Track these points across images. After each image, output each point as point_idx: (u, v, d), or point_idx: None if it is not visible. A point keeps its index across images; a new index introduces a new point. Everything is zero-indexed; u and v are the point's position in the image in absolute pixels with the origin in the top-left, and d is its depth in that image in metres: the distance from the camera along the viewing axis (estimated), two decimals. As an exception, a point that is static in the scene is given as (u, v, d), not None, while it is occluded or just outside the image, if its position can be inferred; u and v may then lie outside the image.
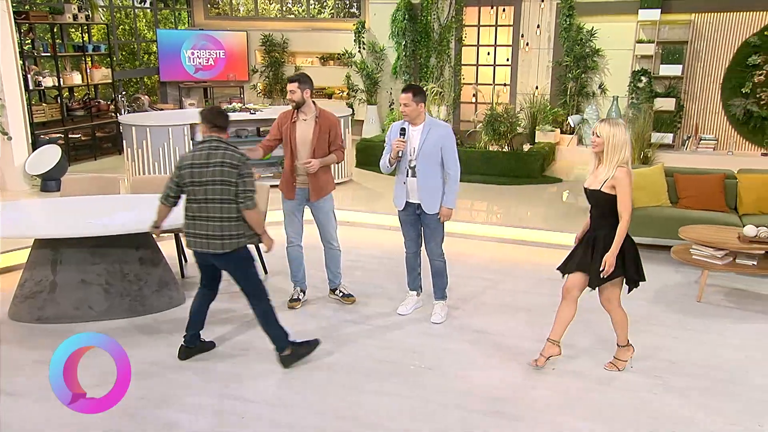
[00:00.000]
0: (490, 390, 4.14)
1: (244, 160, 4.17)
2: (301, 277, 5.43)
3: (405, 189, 4.85)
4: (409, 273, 5.23)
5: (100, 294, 5.08)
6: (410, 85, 4.78)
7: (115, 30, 12.76)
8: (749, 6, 10.05)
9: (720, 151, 10.39)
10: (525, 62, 11.52)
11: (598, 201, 4.09)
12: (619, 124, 4.02)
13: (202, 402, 3.98)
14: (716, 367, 4.41)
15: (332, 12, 14.65)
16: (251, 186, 4.17)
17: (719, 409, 3.93)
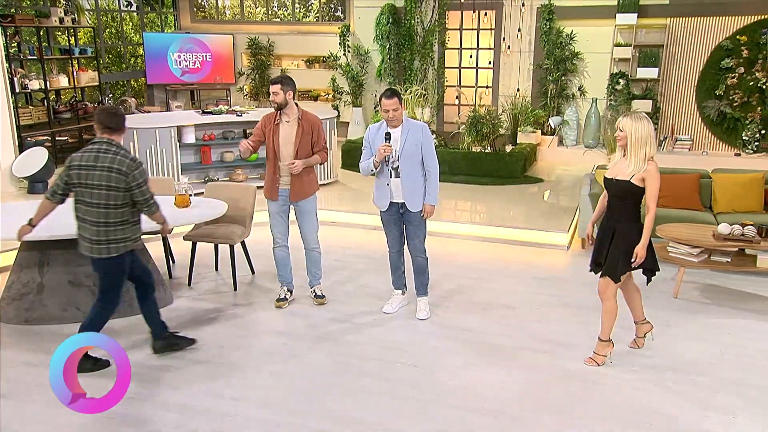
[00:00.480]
0: (475, 387, 4.14)
1: (135, 166, 4.02)
2: (287, 277, 5.41)
3: (389, 190, 4.85)
4: (394, 272, 5.22)
5: (87, 295, 5.02)
6: (393, 90, 4.72)
7: (102, 33, 12.63)
8: (722, 11, 10.16)
9: (695, 151, 10.50)
10: (507, 65, 11.57)
11: (624, 192, 4.09)
12: (642, 119, 4.01)
13: (187, 401, 3.95)
14: (692, 360, 4.45)
15: (317, 16, 14.60)
16: (149, 192, 4.09)
17: (695, 400, 3.98)
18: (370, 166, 4.83)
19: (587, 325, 5.00)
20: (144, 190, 4.06)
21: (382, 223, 5.06)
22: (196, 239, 5.75)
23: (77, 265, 5.01)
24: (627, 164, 4.06)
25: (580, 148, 10.93)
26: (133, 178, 3.99)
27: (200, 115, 8.84)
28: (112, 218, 4.04)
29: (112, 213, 4.03)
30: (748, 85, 10.06)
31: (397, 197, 4.85)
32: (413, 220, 4.91)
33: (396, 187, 4.82)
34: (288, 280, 5.42)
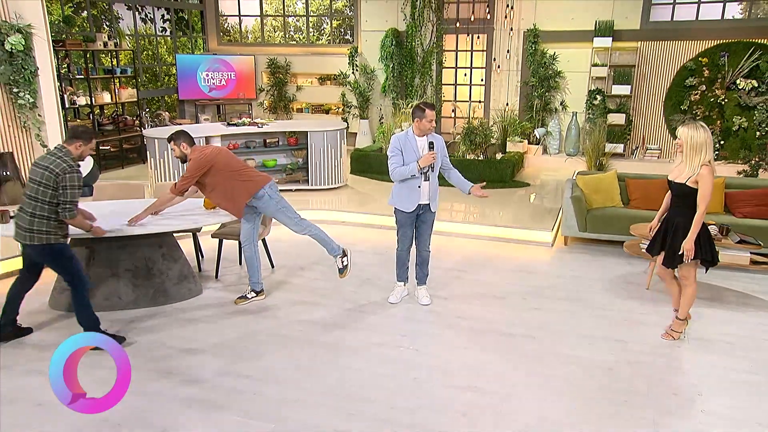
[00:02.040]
0: (470, 368, 4.13)
1: (68, 171, 3.93)
2: (256, 276, 5.23)
3: (419, 193, 4.80)
4: (401, 266, 5.19)
5: (128, 286, 5.02)
6: (431, 104, 4.76)
7: (140, 55, 12.63)
8: (686, 36, 10.12)
9: (663, 159, 10.44)
10: (497, 82, 11.53)
11: (681, 193, 4.13)
12: (698, 128, 3.96)
13: (215, 381, 3.94)
14: (661, 345, 4.43)
15: (329, 39, 14.58)
16: (70, 198, 3.96)
17: (662, 381, 3.96)
18: (411, 171, 4.72)
19: (570, 314, 4.98)
20: (66, 193, 3.94)
21: (401, 224, 4.98)
22: (222, 237, 5.74)
23: (118, 260, 5.02)
24: (683, 168, 4.07)
25: (562, 156, 10.89)
26: (60, 180, 3.92)
27: (225, 127, 8.83)
28: (38, 210, 3.98)
29: (39, 207, 3.97)
30: (709, 101, 10.01)
31: (424, 198, 4.85)
32: (428, 219, 4.95)
33: (425, 189, 4.81)
34: (256, 279, 5.25)
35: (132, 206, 5.49)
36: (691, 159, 3.98)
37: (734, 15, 10.34)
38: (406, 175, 4.76)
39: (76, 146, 4.08)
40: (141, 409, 3.60)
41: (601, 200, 6.62)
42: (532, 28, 10.90)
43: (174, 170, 7.93)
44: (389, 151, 4.86)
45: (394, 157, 4.81)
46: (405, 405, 3.68)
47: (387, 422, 3.51)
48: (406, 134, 4.81)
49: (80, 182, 4.01)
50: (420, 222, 4.97)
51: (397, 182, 4.86)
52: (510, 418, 3.55)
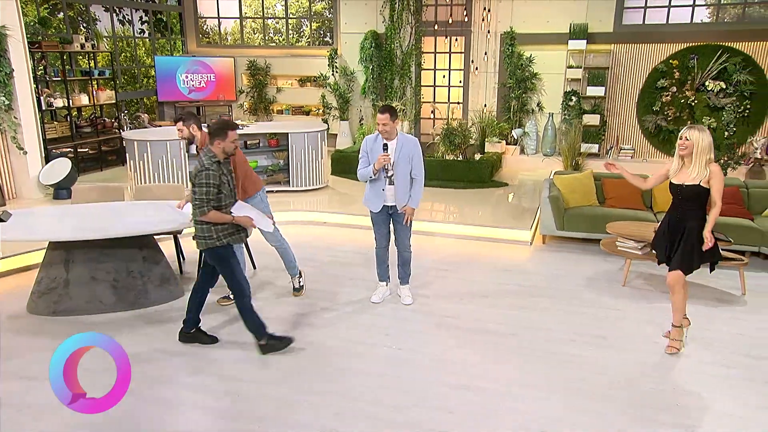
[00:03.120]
0: (453, 366, 4.14)
1: (200, 170, 3.94)
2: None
3: (383, 195, 4.82)
4: (380, 265, 5.19)
5: (108, 289, 4.93)
6: (387, 107, 4.67)
7: (118, 57, 12.41)
8: (657, 39, 10.29)
9: (637, 158, 10.59)
10: (475, 84, 11.59)
11: (695, 194, 4.04)
12: (704, 130, 3.98)
13: (198, 381, 3.89)
14: (639, 340, 4.49)
15: (309, 40, 14.52)
16: (199, 195, 3.95)
17: (642, 376, 4.02)
18: (369, 173, 4.77)
19: (551, 311, 5.02)
20: (197, 191, 3.96)
21: (373, 222, 5.02)
22: (204, 238, 5.66)
23: (98, 263, 4.92)
24: (691, 170, 4.02)
25: (539, 156, 10.99)
26: (194, 179, 3.97)
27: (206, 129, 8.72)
28: (196, 216, 4.04)
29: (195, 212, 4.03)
30: (680, 102, 10.19)
31: (389, 201, 4.85)
32: (401, 220, 4.92)
33: (390, 192, 4.82)
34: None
35: (112, 208, 5.40)
36: (699, 160, 3.98)
37: (703, 19, 10.55)
38: (366, 177, 4.81)
39: (216, 144, 4.04)
40: (125, 412, 3.53)
41: (578, 199, 6.69)
42: (508, 30, 10.98)
43: (154, 172, 7.81)
44: (360, 152, 4.90)
45: (361, 158, 4.87)
46: (391, 403, 3.67)
47: (373, 420, 3.50)
48: (375, 136, 4.81)
49: (211, 179, 3.95)
50: (394, 222, 4.97)
51: (367, 183, 4.90)
52: (497, 415, 3.56)
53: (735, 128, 9.91)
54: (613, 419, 3.52)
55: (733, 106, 9.84)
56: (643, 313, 4.95)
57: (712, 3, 10.50)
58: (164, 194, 6.01)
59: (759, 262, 6.13)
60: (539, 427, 3.44)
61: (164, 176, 7.85)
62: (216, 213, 4.03)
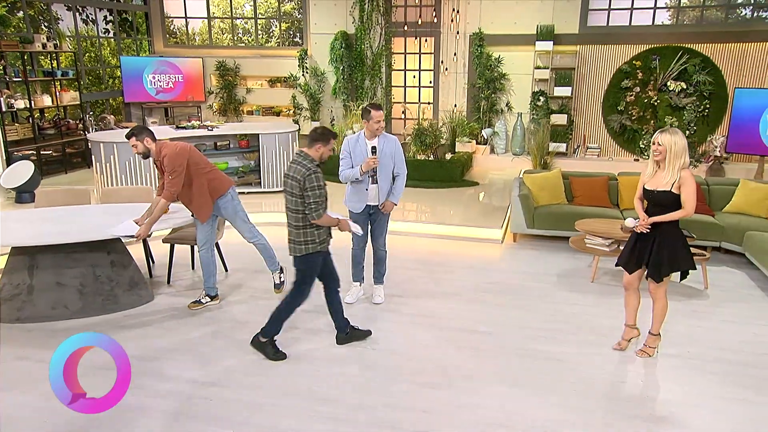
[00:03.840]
0: (427, 364, 4.14)
1: (308, 174, 3.91)
2: (211, 281, 5.07)
3: (367, 194, 4.80)
4: (355, 266, 5.17)
5: (74, 295, 4.79)
6: (379, 104, 4.70)
7: (82, 57, 12.09)
8: (621, 40, 10.50)
9: (603, 157, 10.79)
10: (445, 84, 11.65)
11: (665, 200, 3.89)
12: (677, 133, 3.82)
13: (173, 388, 3.81)
14: (608, 335, 4.56)
15: (278, 41, 14.39)
16: (313, 198, 3.94)
17: (612, 370, 4.09)
18: (354, 175, 4.72)
19: (524, 308, 5.07)
20: (310, 195, 3.94)
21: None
22: (174, 241, 5.55)
23: (64, 268, 4.77)
24: (665, 175, 3.87)
25: (508, 156, 11.10)
26: (303, 184, 3.92)
27: (175, 130, 8.57)
28: (293, 221, 4.03)
29: (293, 217, 4.02)
30: (643, 102, 10.42)
31: (372, 200, 4.84)
32: (380, 219, 4.93)
33: (374, 192, 4.81)
34: (210, 284, 5.06)
35: (78, 212, 5.25)
36: (673, 165, 3.82)
37: (663, 21, 10.81)
38: (351, 179, 4.77)
39: (315, 149, 4.04)
40: (97, 418, 3.42)
41: (547, 198, 6.78)
42: (477, 31, 11.07)
43: (121, 175, 7.63)
44: (340, 153, 4.84)
45: (343, 159, 4.82)
46: (366, 404, 3.65)
47: (348, 422, 3.47)
48: (357, 137, 4.79)
49: (321, 182, 3.96)
50: (372, 221, 4.96)
51: (349, 183, 4.86)
52: (470, 412, 3.57)
53: (696, 127, 10.18)
54: (586, 414, 3.57)
55: (693, 106, 10.11)
56: (612, 308, 5.04)
57: (672, 6, 10.77)
58: (132, 197, 5.87)
59: (719, 257, 6.31)
60: (513, 424, 3.47)
61: (132, 179, 7.67)
62: (327, 215, 4.06)
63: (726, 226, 6.19)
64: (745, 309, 5.08)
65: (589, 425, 3.46)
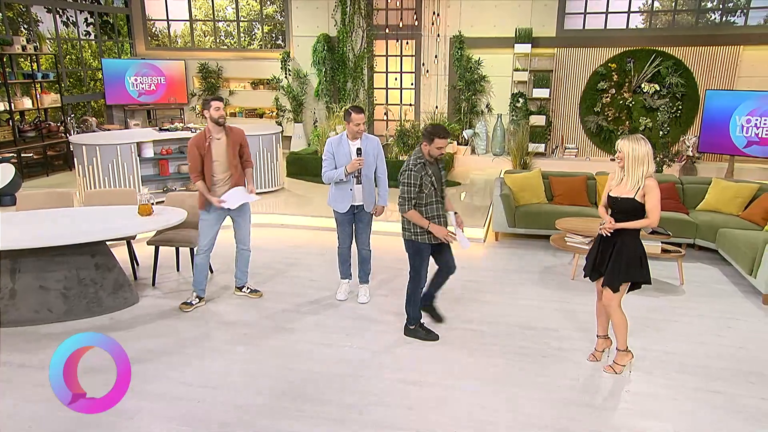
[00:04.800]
0: (410, 362, 4.14)
1: (404, 170, 4.14)
2: (204, 283, 5.02)
3: (351, 194, 4.80)
4: (343, 264, 5.17)
5: (58, 298, 4.69)
6: (360, 107, 4.71)
7: (62, 59, 11.86)
8: (597, 43, 10.62)
9: (580, 157, 10.91)
10: (426, 86, 11.68)
11: (627, 208, 3.75)
12: (639, 140, 3.67)
13: (162, 390, 3.75)
14: (588, 329, 4.61)
15: (261, 43, 14.29)
16: (402, 193, 4.16)
17: (592, 365, 4.13)
18: (339, 175, 4.70)
19: (506, 306, 5.10)
20: (402, 189, 4.15)
21: (338, 222, 4.99)
22: (159, 243, 5.47)
23: (47, 271, 4.68)
24: (627, 182, 3.74)
25: (489, 156, 11.16)
26: (400, 177, 4.14)
27: (158, 132, 8.45)
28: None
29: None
30: (619, 103, 10.56)
31: (357, 201, 4.84)
32: (364, 219, 4.94)
33: (358, 192, 4.82)
34: (203, 287, 5.03)
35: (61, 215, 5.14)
36: (634, 172, 3.68)
37: (637, 25, 10.97)
38: (334, 179, 4.77)
39: (423, 146, 4.15)
40: (81, 420, 3.36)
41: (528, 197, 6.83)
42: (457, 34, 11.11)
43: (104, 177, 7.51)
44: (323, 155, 4.84)
45: (326, 161, 4.81)
46: (352, 403, 3.63)
47: (335, 421, 3.45)
48: (339, 138, 4.79)
49: (411, 179, 4.10)
50: (357, 221, 4.96)
51: (333, 184, 4.86)
52: (455, 409, 3.58)
53: (669, 128, 10.35)
54: (567, 409, 3.60)
55: (666, 107, 10.27)
56: (591, 306, 5.08)
57: (646, 10, 10.93)
58: (116, 199, 5.77)
59: (694, 254, 6.41)
60: (496, 420, 3.48)
61: (115, 181, 7.55)
62: (414, 213, 4.19)
63: (700, 223, 6.30)
64: (719, 304, 5.17)
65: (571, 421, 3.49)
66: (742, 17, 10.46)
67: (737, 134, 9.26)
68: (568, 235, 5.82)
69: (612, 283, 3.85)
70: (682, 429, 3.41)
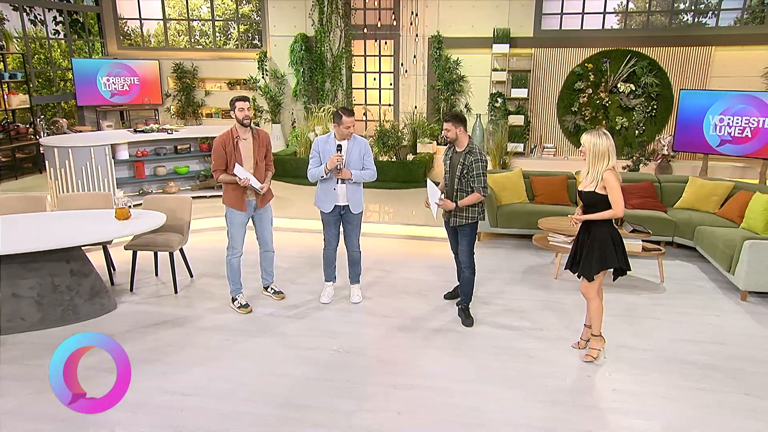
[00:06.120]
0: (397, 364, 4.11)
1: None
2: (240, 281, 5.04)
3: (335, 194, 4.77)
4: (328, 266, 5.14)
5: (32, 306, 4.54)
6: (351, 110, 4.69)
7: (31, 59, 11.54)
8: (573, 44, 10.74)
9: (558, 156, 11.02)
10: (405, 86, 11.67)
11: (592, 201, 3.89)
12: (601, 135, 3.79)
13: (139, 399, 3.65)
14: (573, 329, 4.64)
15: (237, 43, 14.11)
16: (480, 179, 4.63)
17: (577, 364, 4.15)
18: (320, 173, 4.72)
19: (491, 306, 5.10)
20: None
21: (324, 223, 4.95)
22: (137, 248, 5.35)
23: (20, 278, 4.52)
24: (588, 176, 3.88)
25: (467, 156, 11.16)
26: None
27: (133, 134, 8.28)
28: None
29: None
30: (596, 103, 10.69)
31: (341, 201, 4.81)
32: (352, 220, 4.91)
33: (342, 192, 4.79)
34: (241, 287, 5.06)
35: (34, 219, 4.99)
36: (594, 166, 3.82)
37: (612, 25, 11.13)
38: (317, 177, 4.76)
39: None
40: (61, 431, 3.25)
41: (509, 197, 6.86)
42: (436, 34, 11.13)
43: (77, 180, 7.32)
44: (310, 153, 4.84)
45: (312, 158, 4.81)
46: (341, 408, 3.59)
47: (323, 427, 3.40)
48: (327, 137, 4.78)
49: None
50: (345, 222, 4.94)
51: (318, 183, 4.86)
52: (444, 412, 3.56)
53: (645, 127, 10.53)
54: (555, 409, 3.61)
55: (642, 107, 10.44)
56: (575, 304, 5.13)
57: (621, 11, 11.10)
58: (91, 203, 5.63)
59: (672, 251, 6.52)
60: (486, 422, 3.47)
61: (89, 184, 7.37)
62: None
63: (678, 221, 6.40)
64: (699, 301, 5.26)
65: (560, 421, 3.50)
66: (713, 18, 10.70)
67: (711, 133, 9.46)
68: (551, 234, 5.86)
69: (585, 272, 4.00)
70: (669, 427, 3.45)
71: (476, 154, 4.50)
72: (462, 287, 4.81)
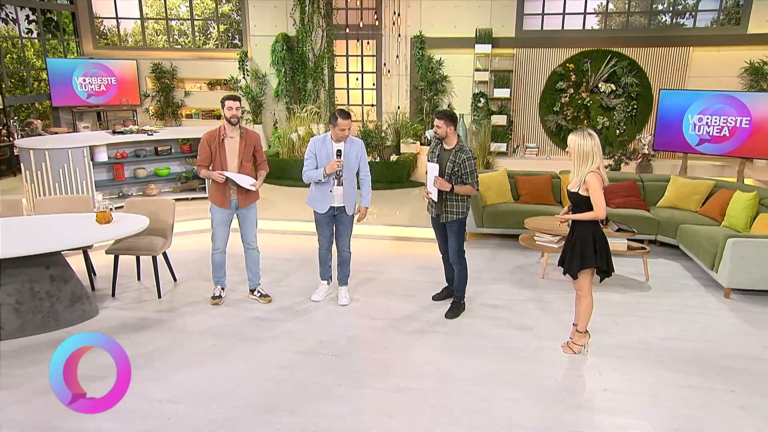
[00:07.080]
0: (386, 366, 4.09)
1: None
2: (224, 278, 5.17)
3: (331, 196, 4.76)
4: (322, 265, 5.14)
5: (10, 313, 4.42)
6: (347, 112, 4.69)
7: (3, 58, 11.25)
8: (555, 44, 10.84)
9: (541, 156, 11.10)
10: (388, 86, 11.65)
11: (576, 201, 3.95)
12: (586, 135, 3.82)
13: (121, 407, 3.56)
14: (562, 329, 4.66)
15: (217, 43, 13.95)
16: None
17: (567, 364, 4.18)
18: (318, 176, 4.68)
19: (478, 306, 5.10)
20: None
21: (317, 223, 4.94)
22: (118, 252, 5.24)
23: (-2, 285, 4.40)
24: (573, 176, 3.93)
25: (451, 156, 11.18)
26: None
27: (111, 135, 8.12)
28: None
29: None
30: (577, 102, 10.79)
31: (337, 202, 4.81)
32: (345, 221, 4.91)
33: (338, 193, 4.78)
34: (224, 281, 5.18)
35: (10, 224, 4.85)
36: (579, 166, 3.87)
37: (593, 26, 11.26)
38: (314, 179, 4.73)
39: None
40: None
41: (494, 197, 6.88)
42: (418, 34, 11.14)
43: (54, 183, 7.15)
44: (306, 154, 4.81)
45: (307, 160, 4.78)
46: (332, 412, 3.55)
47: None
48: (323, 138, 4.76)
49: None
50: (337, 223, 4.92)
51: (312, 184, 4.83)
52: (435, 414, 3.55)
53: (625, 127, 10.66)
54: (548, 408, 3.62)
55: (622, 106, 10.57)
56: (563, 303, 5.17)
57: (600, 12, 11.23)
58: (69, 206, 5.50)
59: (656, 249, 6.61)
60: (478, 423, 3.47)
61: (67, 187, 7.20)
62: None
63: (661, 220, 6.49)
64: (684, 299, 5.33)
65: (553, 421, 3.51)
66: (691, 19, 10.89)
67: (690, 132, 9.61)
68: (537, 234, 5.89)
69: (569, 269, 4.11)
70: (660, 426, 3.48)
71: (467, 152, 4.56)
72: (456, 282, 4.86)
